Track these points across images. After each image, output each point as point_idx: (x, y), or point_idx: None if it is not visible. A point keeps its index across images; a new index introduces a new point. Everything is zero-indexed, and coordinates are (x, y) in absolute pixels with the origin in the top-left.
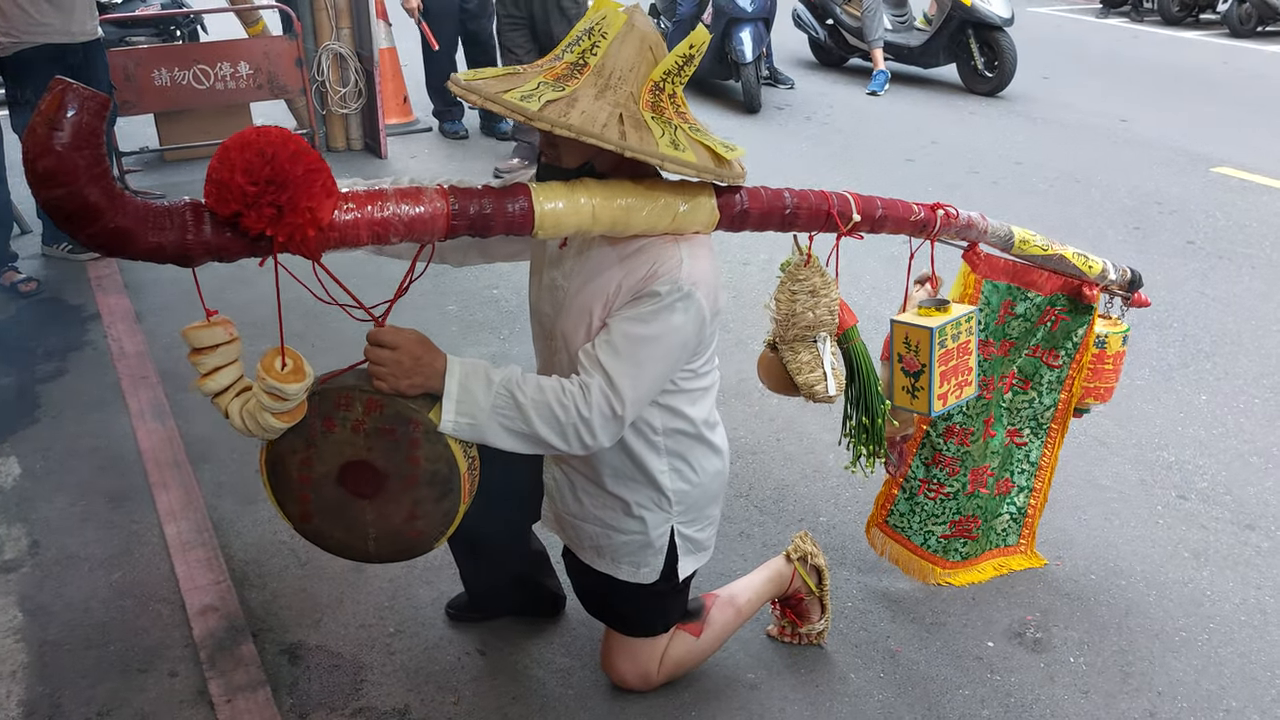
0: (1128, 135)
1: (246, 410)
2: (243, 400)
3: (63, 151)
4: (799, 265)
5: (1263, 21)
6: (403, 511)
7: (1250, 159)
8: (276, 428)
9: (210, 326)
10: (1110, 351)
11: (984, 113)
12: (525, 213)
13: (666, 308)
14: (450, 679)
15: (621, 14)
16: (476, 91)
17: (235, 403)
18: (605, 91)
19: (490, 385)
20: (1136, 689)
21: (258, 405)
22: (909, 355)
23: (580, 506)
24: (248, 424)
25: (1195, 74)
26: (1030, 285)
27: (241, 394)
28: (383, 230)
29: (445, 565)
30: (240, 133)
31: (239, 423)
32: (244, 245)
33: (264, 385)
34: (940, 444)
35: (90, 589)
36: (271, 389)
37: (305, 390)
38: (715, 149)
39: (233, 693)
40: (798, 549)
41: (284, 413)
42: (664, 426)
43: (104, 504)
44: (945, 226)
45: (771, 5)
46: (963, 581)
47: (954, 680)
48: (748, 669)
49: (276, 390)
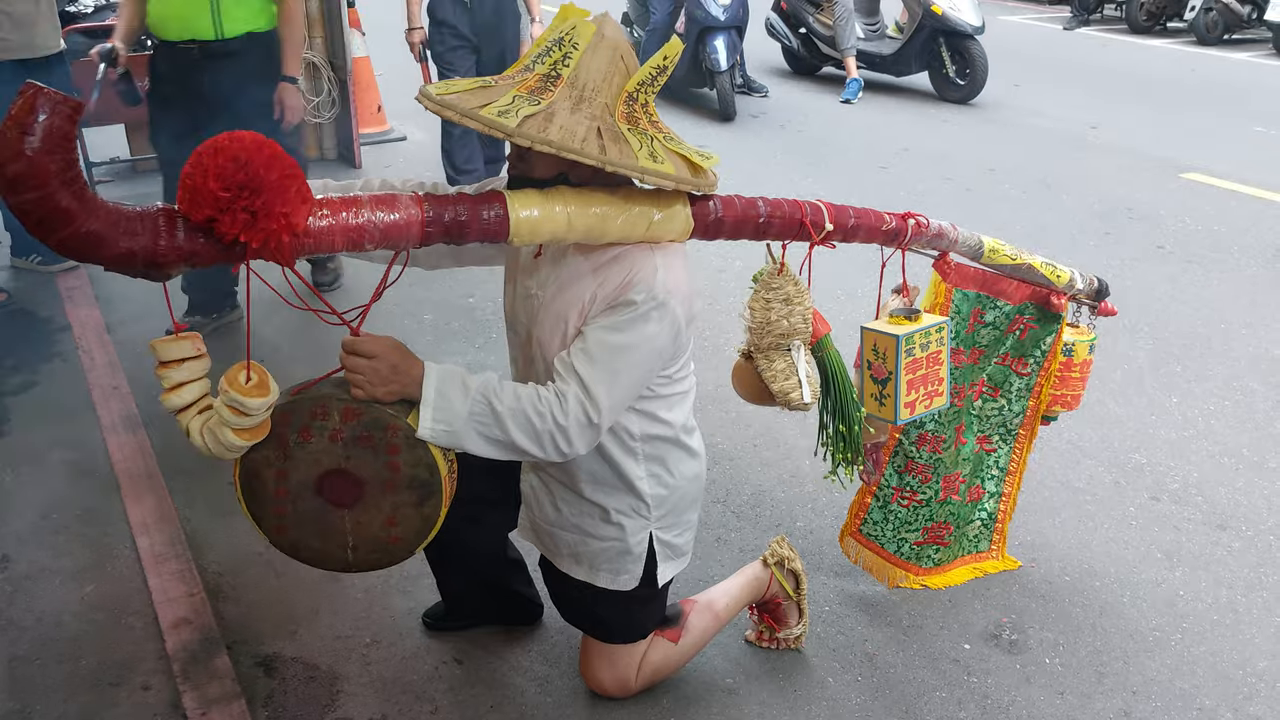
0: (1098, 142)
1: (207, 427)
2: (204, 418)
3: (33, 156)
4: (773, 274)
5: (1229, 29)
6: (381, 518)
7: (1218, 164)
8: (236, 445)
9: (178, 340)
10: (1078, 360)
11: (956, 120)
12: (500, 220)
13: (641, 316)
14: (427, 689)
15: (590, 24)
16: (452, 108)
17: (197, 420)
18: (580, 104)
19: (467, 392)
20: (1111, 689)
21: (219, 420)
22: (877, 362)
23: (558, 514)
24: (207, 441)
25: (1163, 81)
26: (999, 294)
27: (204, 411)
28: (357, 237)
29: (422, 575)
30: (214, 138)
31: (199, 440)
32: (217, 251)
33: (226, 398)
34: (913, 451)
35: (62, 603)
36: (233, 402)
37: (268, 407)
38: (691, 158)
39: (207, 705)
40: (775, 554)
41: (245, 429)
42: (642, 432)
43: (75, 517)
44: (916, 236)
45: (744, 14)
46: (938, 584)
47: (931, 683)
48: (726, 674)
49: (238, 404)
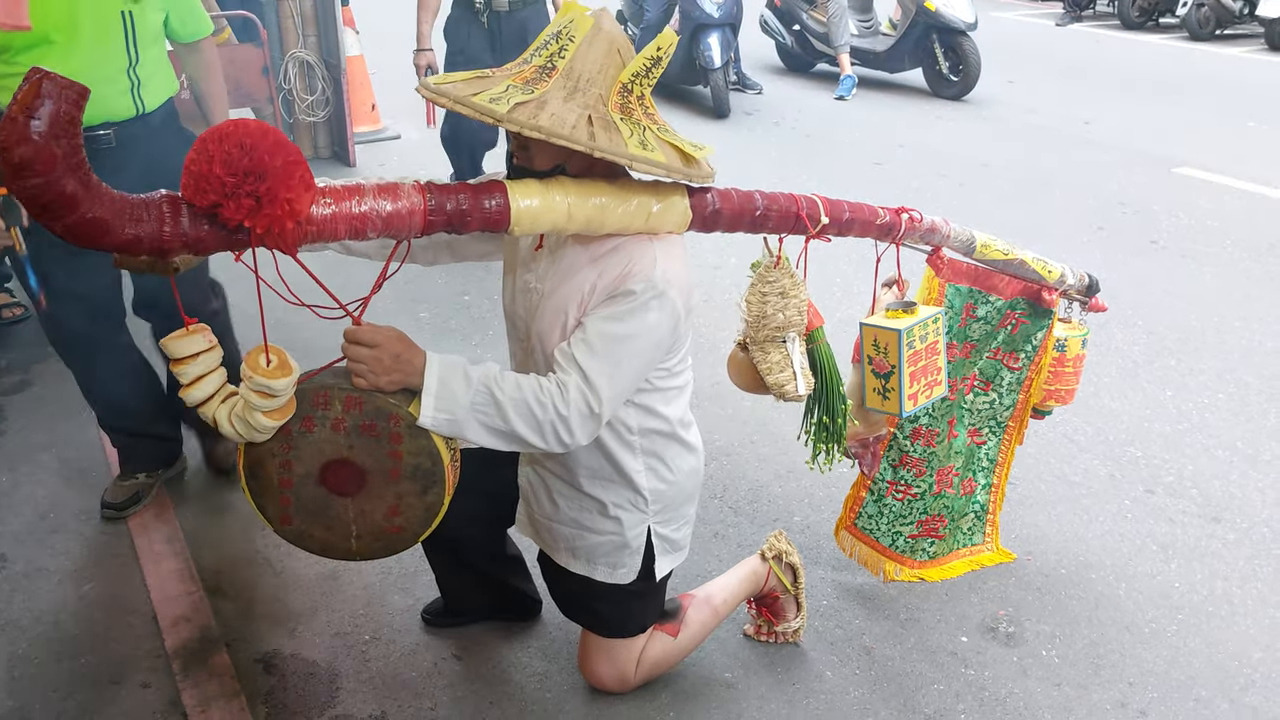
0: (1091, 137)
1: (235, 414)
2: (230, 405)
3: (40, 141)
4: (769, 267)
5: (1221, 24)
6: (385, 507)
7: (1211, 159)
8: (269, 426)
9: (188, 335)
10: (1070, 355)
11: (950, 116)
12: (501, 209)
13: (641, 306)
14: (427, 685)
15: (588, 17)
16: (445, 95)
17: (223, 409)
18: (574, 94)
19: (470, 381)
20: (1108, 680)
21: (246, 407)
22: (879, 357)
23: (555, 509)
24: (238, 428)
25: (1156, 77)
26: (991, 289)
27: (227, 400)
28: (360, 225)
29: (420, 571)
30: (217, 125)
31: (229, 428)
32: (221, 238)
33: (252, 384)
34: (907, 445)
35: (60, 602)
36: (260, 387)
37: (293, 385)
38: (683, 149)
39: (207, 703)
40: (772, 548)
41: (274, 410)
42: (639, 426)
43: (73, 516)
44: (910, 230)
45: (738, 11)
46: (935, 578)
47: (929, 675)
48: (725, 668)
49: (265, 388)
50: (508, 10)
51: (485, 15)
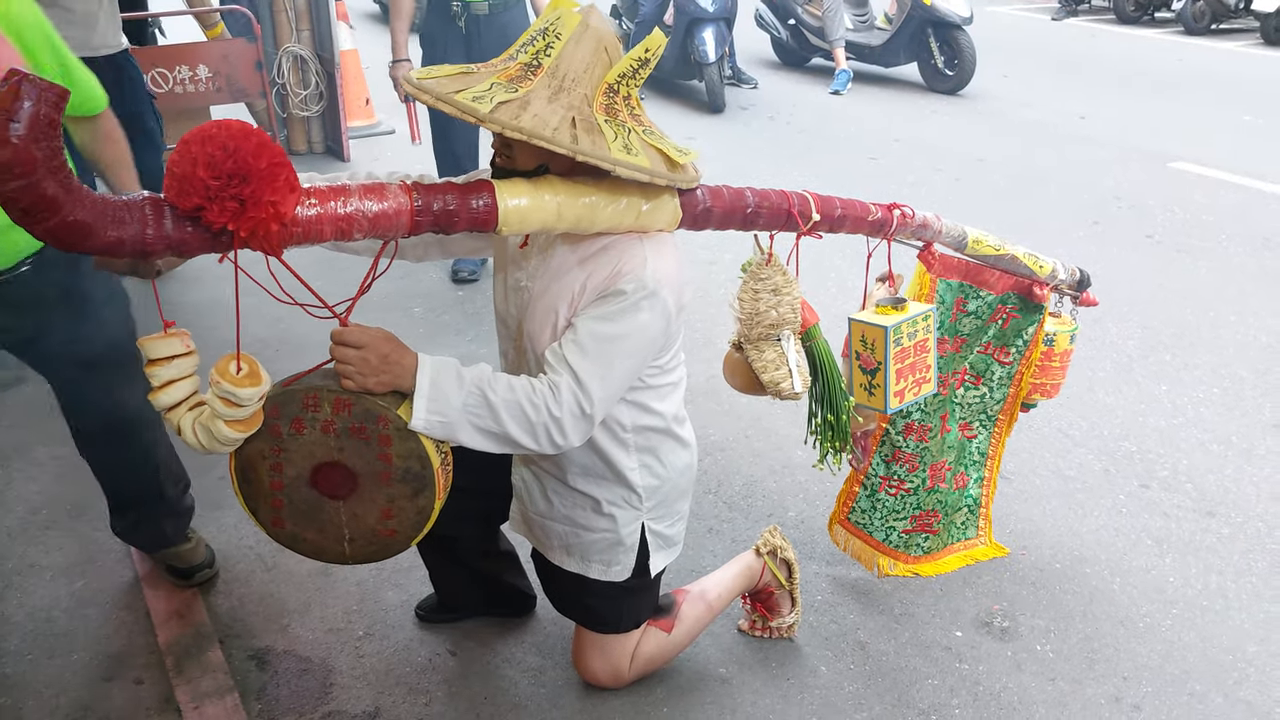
0: (1086, 132)
1: (199, 422)
2: (196, 414)
3: (19, 144)
4: (761, 264)
5: (1216, 19)
6: (377, 511)
7: (1207, 154)
8: (230, 438)
9: (167, 337)
10: (1058, 349)
11: (945, 111)
12: (489, 209)
13: (632, 306)
14: (421, 680)
15: (576, 14)
16: (428, 91)
17: (188, 417)
18: (559, 94)
19: (462, 383)
20: (1102, 674)
21: (211, 414)
22: (866, 353)
23: (549, 506)
24: (200, 437)
25: (1151, 71)
26: (982, 284)
27: (195, 408)
28: (346, 226)
29: (414, 567)
30: (201, 126)
31: (191, 437)
32: (205, 240)
33: (218, 390)
34: (900, 441)
35: (53, 598)
36: (225, 394)
37: (260, 397)
38: (668, 152)
39: (200, 699)
40: (767, 543)
41: (238, 421)
42: (633, 423)
43: (65, 512)
44: (902, 226)
45: (733, 5)
46: (929, 572)
47: (923, 670)
48: (719, 664)
49: (230, 395)
50: (487, 14)
51: (463, 19)
